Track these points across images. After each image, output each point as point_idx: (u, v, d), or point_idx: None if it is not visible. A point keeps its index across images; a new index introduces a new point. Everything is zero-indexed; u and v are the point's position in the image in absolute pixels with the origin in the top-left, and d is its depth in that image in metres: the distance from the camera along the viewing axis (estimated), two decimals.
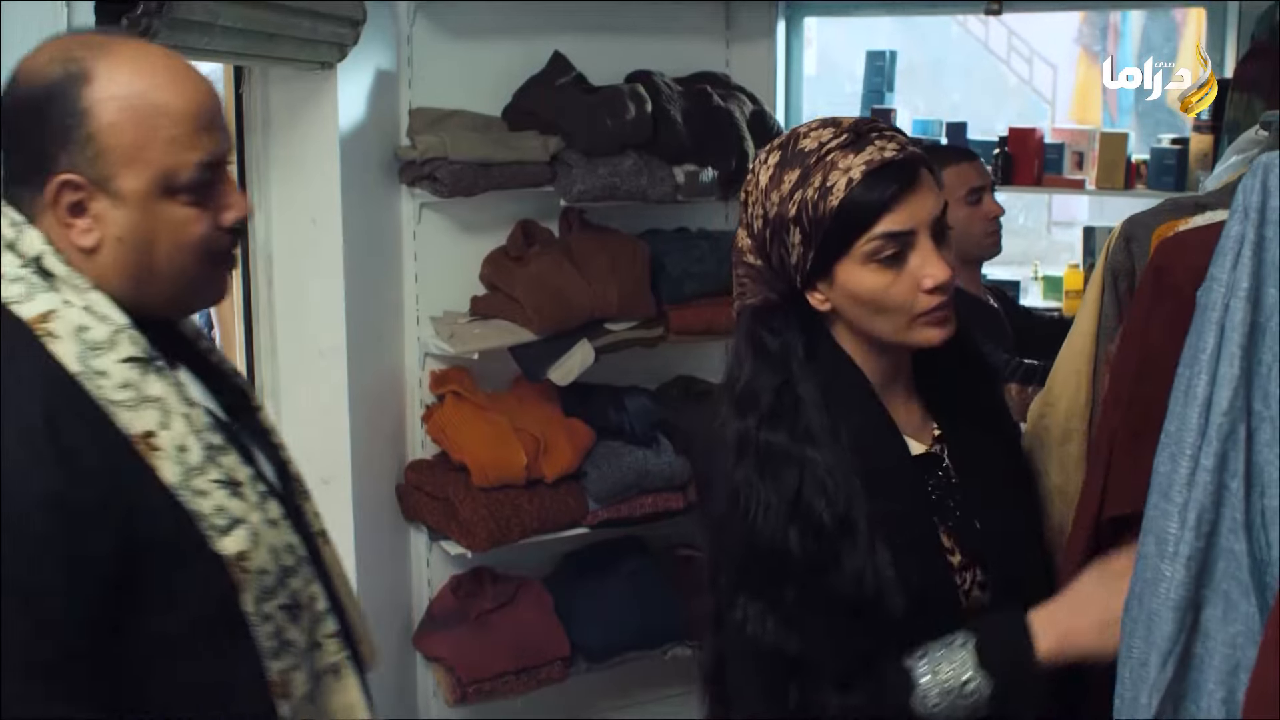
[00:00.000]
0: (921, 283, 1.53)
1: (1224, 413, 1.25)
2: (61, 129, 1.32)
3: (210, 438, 1.38)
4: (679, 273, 3.63)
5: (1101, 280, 1.84)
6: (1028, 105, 12.15)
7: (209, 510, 1.34)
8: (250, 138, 3.15)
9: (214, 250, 1.42)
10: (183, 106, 1.36)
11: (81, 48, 1.35)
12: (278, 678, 1.39)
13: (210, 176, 1.39)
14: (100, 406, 1.31)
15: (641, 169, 3.49)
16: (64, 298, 1.34)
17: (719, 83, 3.78)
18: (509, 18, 3.55)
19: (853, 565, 1.52)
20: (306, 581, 1.45)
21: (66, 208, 1.34)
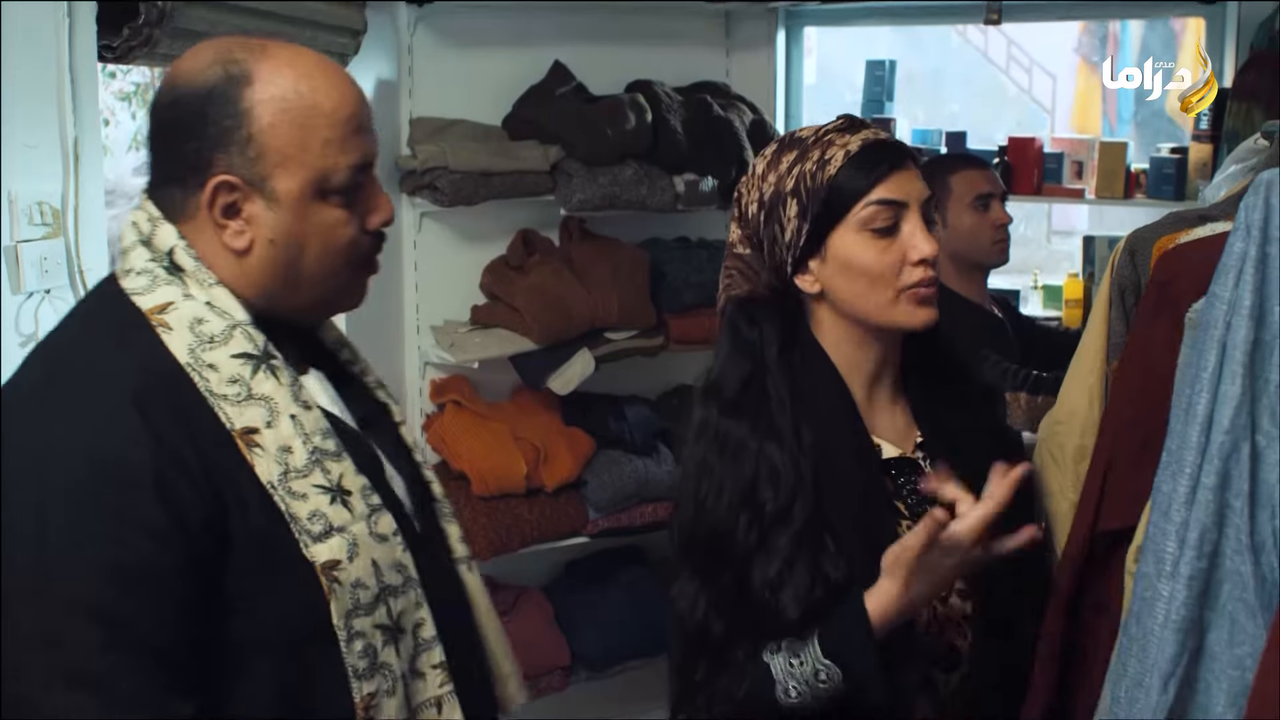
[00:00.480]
0: (909, 254, 1.58)
1: (1226, 431, 1.24)
2: (221, 129, 1.33)
3: (322, 443, 1.35)
4: (679, 282, 3.63)
5: (1108, 295, 1.84)
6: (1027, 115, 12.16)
7: (304, 514, 1.32)
8: None
9: (360, 253, 1.42)
10: (338, 109, 1.36)
11: (242, 50, 1.36)
12: (363, 700, 1.33)
13: (361, 179, 1.40)
14: (204, 399, 1.30)
15: (642, 178, 3.49)
16: (186, 291, 1.35)
17: (719, 92, 3.78)
18: (509, 27, 3.55)
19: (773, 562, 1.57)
20: (414, 604, 1.39)
21: (221, 209, 1.35)
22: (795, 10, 4.07)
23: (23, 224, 2.11)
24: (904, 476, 1.67)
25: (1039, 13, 4.15)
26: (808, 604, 1.55)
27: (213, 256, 1.37)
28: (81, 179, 2.20)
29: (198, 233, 1.37)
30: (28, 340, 2.13)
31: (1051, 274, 4.66)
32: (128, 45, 2.31)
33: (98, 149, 2.30)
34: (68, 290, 2.20)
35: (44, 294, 2.15)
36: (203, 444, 1.28)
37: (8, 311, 2.10)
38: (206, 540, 1.27)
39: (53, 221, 2.16)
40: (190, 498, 1.26)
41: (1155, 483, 1.33)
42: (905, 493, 1.66)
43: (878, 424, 1.67)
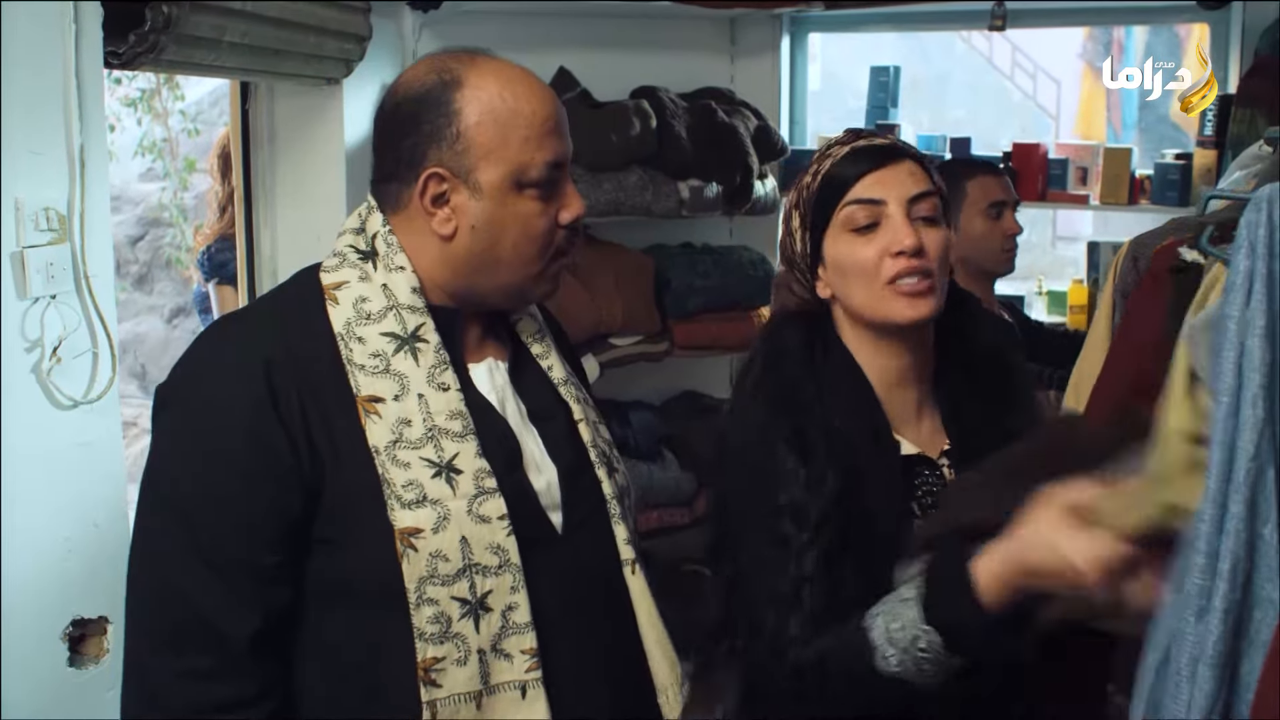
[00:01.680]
0: (889, 246, 1.61)
1: (1251, 458, 1.19)
2: (434, 126, 1.50)
3: (446, 423, 1.49)
4: (684, 288, 3.64)
5: (1112, 300, 1.84)
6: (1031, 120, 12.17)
7: (400, 481, 1.45)
8: (256, 153, 3.16)
9: (553, 243, 1.56)
10: (536, 112, 1.53)
11: (454, 60, 1.55)
12: (426, 661, 1.44)
13: (555, 175, 1.55)
14: (343, 365, 1.48)
15: (646, 184, 3.50)
16: (364, 274, 1.53)
17: (723, 98, 3.78)
18: (514, 34, 3.56)
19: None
20: (507, 588, 1.48)
21: (431, 198, 1.51)
22: (800, 17, 4.08)
23: (29, 229, 2.11)
24: (921, 476, 1.67)
25: (1044, 19, 4.16)
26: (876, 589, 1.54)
27: (421, 244, 1.54)
28: (87, 185, 2.20)
29: (409, 221, 1.54)
30: (34, 345, 2.13)
31: (1056, 279, 4.67)
32: (134, 51, 2.32)
33: (103, 155, 2.30)
34: (73, 296, 2.20)
35: (50, 299, 2.15)
36: (324, 405, 1.46)
37: (14, 317, 2.11)
38: (292, 487, 1.44)
39: (59, 227, 2.16)
40: (281, 450, 1.43)
41: None
42: (921, 492, 1.66)
43: (903, 427, 1.68)
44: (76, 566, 2.21)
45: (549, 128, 1.54)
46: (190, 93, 8.77)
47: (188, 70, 2.79)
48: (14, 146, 2.09)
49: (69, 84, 2.17)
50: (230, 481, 1.44)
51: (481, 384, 1.57)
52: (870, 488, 1.63)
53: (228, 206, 3.94)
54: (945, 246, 1.64)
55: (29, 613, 2.14)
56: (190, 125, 8.36)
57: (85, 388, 2.23)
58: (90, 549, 2.24)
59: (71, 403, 2.20)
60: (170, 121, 8.39)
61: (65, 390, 2.18)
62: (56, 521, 2.19)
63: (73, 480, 2.22)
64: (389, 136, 1.55)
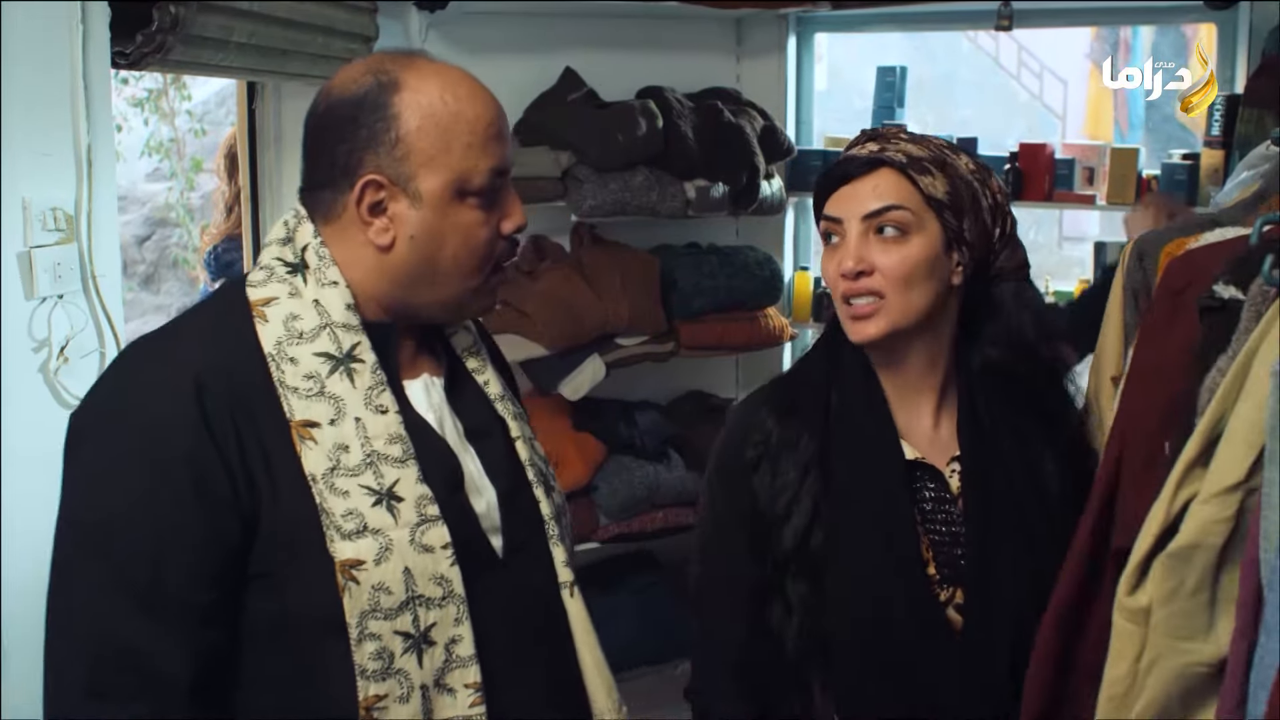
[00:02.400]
0: (838, 267, 1.64)
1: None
2: (372, 131, 1.43)
3: (385, 448, 1.41)
4: (690, 288, 3.64)
5: (1121, 299, 1.83)
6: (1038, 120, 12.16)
7: (339, 510, 1.37)
8: (263, 153, 3.17)
9: (494, 254, 1.50)
10: (479, 117, 1.46)
11: (391, 62, 1.47)
12: (368, 699, 1.36)
13: (499, 183, 1.48)
14: (275, 388, 1.40)
15: (652, 184, 3.50)
16: (293, 289, 1.45)
17: (730, 98, 3.78)
18: (520, 34, 3.56)
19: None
20: (451, 620, 1.41)
21: (368, 207, 1.44)
22: (806, 16, 4.07)
23: (36, 230, 2.11)
24: (922, 481, 1.67)
25: (1050, 19, 4.15)
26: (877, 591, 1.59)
27: (356, 254, 1.47)
28: (95, 185, 2.20)
29: (343, 231, 1.47)
30: (41, 345, 2.14)
31: (1063, 280, 4.65)
32: (141, 52, 2.32)
33: (111, 155, 2.30)
34: (80, 296, 2.21)
35: (57, 299, 2.16)
36: (258, 430, 1.38)
37: (21, 317, 2.11)
38: (229, 517, 1.35)
39: (66, 227, 2.16)
40: (218, 478, 1.35)
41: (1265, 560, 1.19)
42: (923, 497, 1.66)
43: (913, 432, 1.68)
44: None
45: (492, 133, 1.47)
46: (197, 93, 8.79)
47: (195, 70, 2.80)
48: (21, 147, 2.09)
49: (76, 84, 2.17)
50: (166, 511, 1.34)
51: (419, 402, 1.50)
52: (866, 492, 1.63)
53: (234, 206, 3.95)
54: (910, 263, 1.61)
55: (32, 613, 2.13)
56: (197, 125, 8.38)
57: None
58: None
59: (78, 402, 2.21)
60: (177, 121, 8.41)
61: (72, 390, 2.18)
62: None
63: None
64: (322, 140, 1.47)
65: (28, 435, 2.11)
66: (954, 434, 1.69)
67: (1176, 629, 1.28)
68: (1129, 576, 1.34)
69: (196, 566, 1.35)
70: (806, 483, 1.63)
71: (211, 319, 1.49)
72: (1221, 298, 1.40)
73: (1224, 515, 1.25)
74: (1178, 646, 1.28)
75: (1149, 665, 1.31)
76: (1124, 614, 1.34)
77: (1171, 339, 1.48)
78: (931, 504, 1.66)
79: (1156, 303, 1.58)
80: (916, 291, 1.62)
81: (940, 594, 1.63)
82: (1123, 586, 1.35)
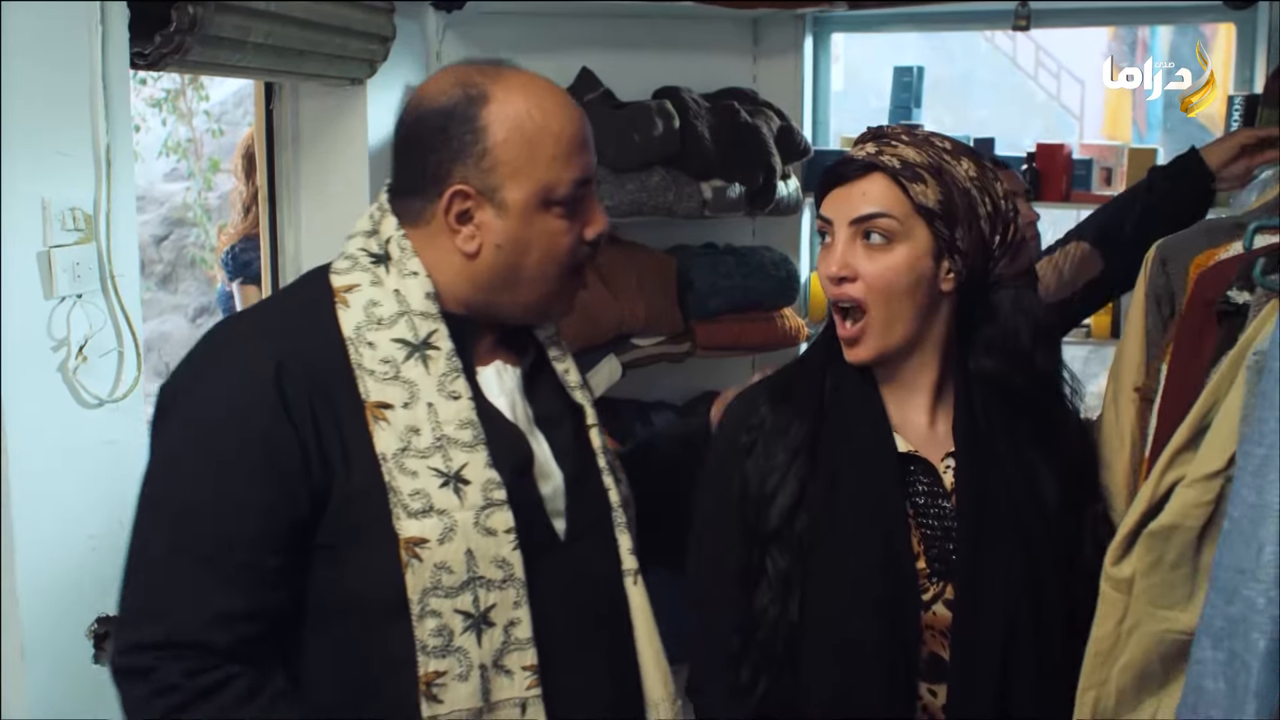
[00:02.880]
0: (824, 269, 1.65)
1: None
2: (460, 143, 1.48)
3: (456, 432, 1.46)
4: (706, 288, 3.63)
5: (1144, 305, 1.82)
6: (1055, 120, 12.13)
7: (407, 490, 1.43)
8: (280, 153, 3.17)
9: (576, 261, 1.55)
10: (564, 129, 1.51)
11: (479, 74, 1.51)
12: (428, 675, 1.41)
13: (582, 193, 1.53)
14: (350, 369, 1.45)
15: (669, 184, 3.49)
16: (375, 277, 1.50)
17: (746, 98, 3.78)
18: (537, 34, 3.56)
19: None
20: (510, 602, 1.46)
21: (456, 215, 1.49)
22: (823, 17, 4.07)
23: (55, 229, 2.12)
24: (915, 475, 1.66)
25: (1068, 18, 4.13)
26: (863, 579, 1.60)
27: (442, 259, 1.52)
28: (113, 185, 2.21)
29: (431, 237, 1.52)
30: (60, 345, 2.15)
31: None
32: (159, 52, 2.33)
33: (129, 155, 2.31)
34: (99, 295, 2.21)
35: (76, 299, 2.17)
36: (335, 410, 1.44)
37: (41, 316, 2.12)
38: (300, 490, 1.41)
39: (85, 227, 2.17)
40: (292, 454, 1.41)
41: (1215, 557, 1.24)
42: (915, 491, 1.66)
43: (906, 422, 1.68)
44: (102, 564, 2.22)
45: (576, 144, 1.52)
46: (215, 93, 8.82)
47: (213, 71, 2.81)
48: (41, 147, 2.10)
49: (95, 85, 2.18)
50: (240, 486, 1.41)
51: (490, 388, 1.55)
52: (857, 481, 1.63)
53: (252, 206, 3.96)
54: (893, 272, 1.61)
55: (54, 610, 2.15)
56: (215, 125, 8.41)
57: (110, 387, 2.24)
58: (115, 547, 2.22)
59: (97, 401, 2.22)
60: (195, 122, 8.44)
61: (91, 389, 2.19)
62: (82, 519, 2.20)
63: (98, 478, 2.23)
64: (411, 150, 1.52)
65: (48, 434, 2.12)
66: (949, 431, 1.68)
67: (1156, 599, 1.38)
68: (1115, 548, 1.43)
69: (266, 534, 1.41)
70: (795, 465, 1.63)
71: (296, 304, 1.55)
72: (1235, 302, 1.44)
73: (1205, 499, 1.31)
74: (1157, 614, 1.38)
75: (1130, 629, 1.41)
76: (1110, 582, 1.44)
77: (1203, 349, 1.49)
78: (924, 498, 1.65)
79: (1188, 315, 1.58)
80: (898, 303, 1.62)
81: (929, 588, 1.62)
82: (1110, 557, 1.44)
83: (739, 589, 1.64)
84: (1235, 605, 1.19)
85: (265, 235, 3.24)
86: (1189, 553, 1.34)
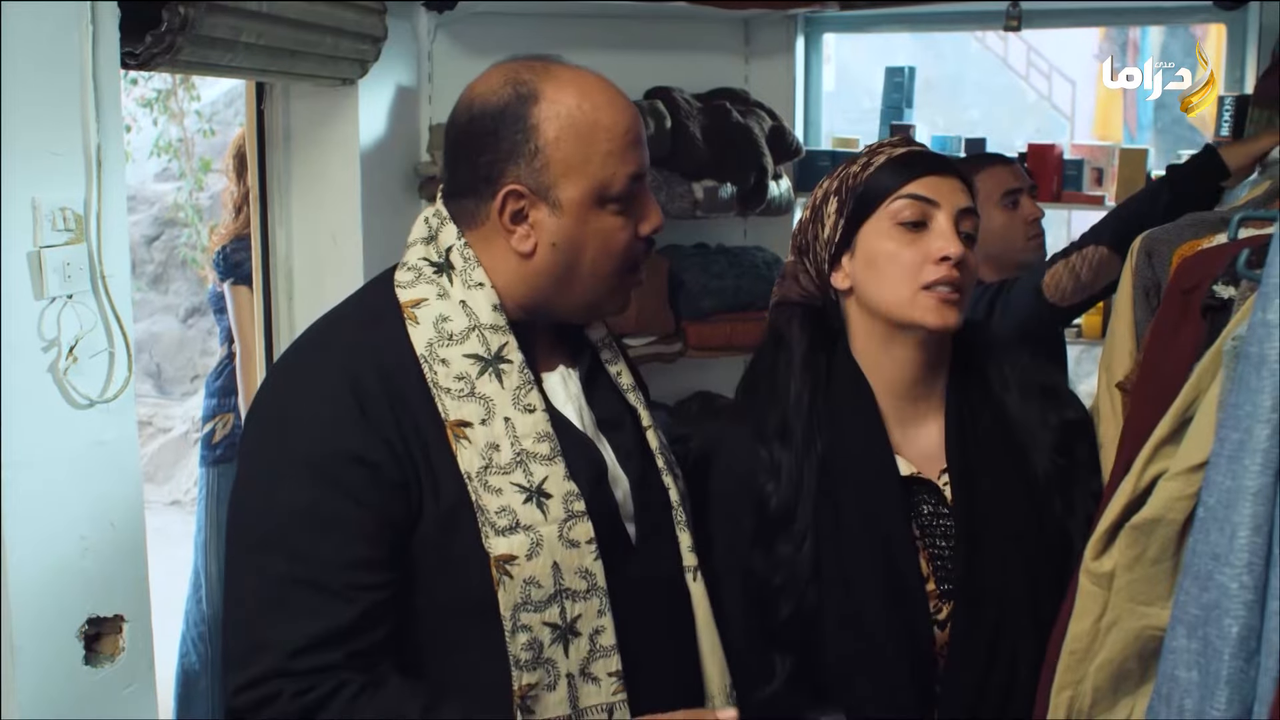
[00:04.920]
0: (932, 250, 1.61)
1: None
2: (512, 143, 1.46)
3: (534, 446, 1.45)
4: (698, 288, 3.64)
5: (1132, 297, 1.82)
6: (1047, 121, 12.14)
7: (493, 507, 1.42)
8: (271, 153, 3.17)
9: (632, 257, 1.54)
10: (617, 124, 1.48)
11: (529, 71, 1.49)
12: (521, 689, 1.41)
13: (637, 189, 1.51)
14: (429, 388, 1.44)
15: (660, 185, 3.50)
16: (442, 290, 1.49)
17: (738, 99, 3.78)
18: (528, 34, 3.56)
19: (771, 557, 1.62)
20: (594, 611, 1.46)
21: (510, 216, 1.47)
22: (814, 17, 4.07)
23: (46, 230, 2.12)
24: (918, 496, 1.65)
25: (1059, 19, 4.14)
26: (800, 604, 1.59)
27: (498, 260, 1.50)
28: (104, 185, 2.21)
29: (486, 239, 1.50)
30: (50, 345, 2.14)
31: None
32: (150, 52, 2.32)
33: (120, 155, 2.31)
34: (90, 296, 2.21)
35: (66, 299, 2.16)
36: (417, 427, 1.42)
37: (31, 316, 2.11)
38: (397, 508, 1.40)
39: (75, 227, 2.17)
40: (390, 467, 1.39)
41: (1190, 544, 1.23)
42: (920, 513, 1.65)
43: (906, 440, 1.67)
44: (92, 565, 2.22)
45: (630, 139, 1.49)
46: (206, 93, 8.81)
47: (204, 71, 2.80)
48: (31, 147, 2.09)
49: (86, 84, 2.17)
50: (337, 508, 1.38)
51: (556, 395, 1.54)
52: (864, 515, 1.62)
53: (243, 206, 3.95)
54: (974, 265, 1.64)
55: (45, 611, 2.15)
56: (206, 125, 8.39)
57: (101, 387, 2.24)
58: (106, 548, 2.25)
59: (88, 402, 2.21)
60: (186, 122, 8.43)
61: (81, 389, 2.19)
62: (73, 520, 2.19)
63: (89, 479, 2.22)
64: (464, 151, 1.50)
65: (38, 434, 2.12)
66: (939, 443, 1.68)
67: (1137, 594, 1.36)
68: (1096, 543, 1.42)
69: (370, 554, 1.38)
70: (801, 517, 1.62)
71: (364, 323, 1.51)
72: (1221, 297, 1.44)
73: (1187, 493, 1.30)
74: (1137, 610, 1.36)
75: (1109, 626, 1.39)
76: (1089, 577, 1.42)
77: (1179, 338, 1.49)
78: (929, 518, 1.65)
79: (1166, 302, 1.59)
80: (969, 293, 1.65)
81: (943, 609, 1.62)
82: (1089, 551, 1.43)
83: (748, 644, 1.63)
84: (1210, 592, 1.18)
85: (256, 235, 3.24)
86: (1171, 547, 1.33)
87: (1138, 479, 1.38)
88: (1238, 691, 1.16)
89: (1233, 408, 1.19)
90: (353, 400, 1.40)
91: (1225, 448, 1.19)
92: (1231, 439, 1.19)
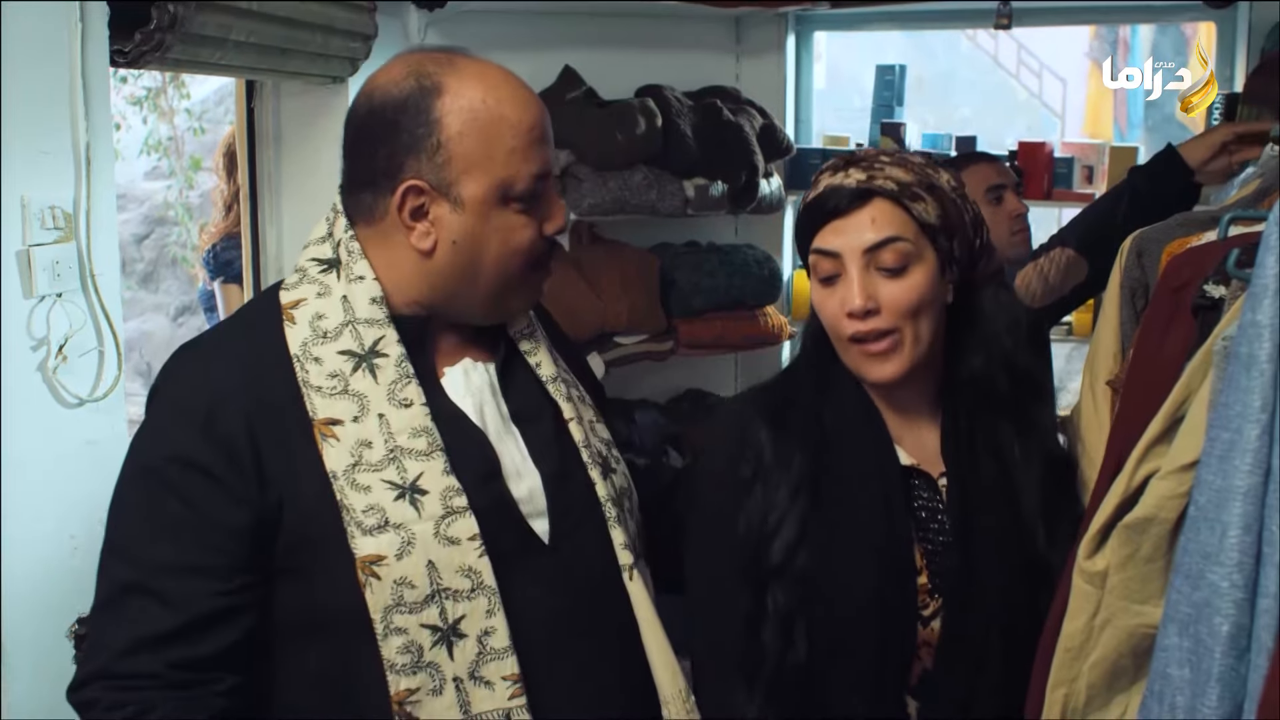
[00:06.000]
0: (842, 306, 1.57)
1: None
2: (413, 137, 1.42)
3: (409, 442, 1.42)
4: (689, 286, 3.64)
5: (1118, 298, 1.82)
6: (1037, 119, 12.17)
7: (360, 506, 1.38)
8: (261, 152, 3.16)
9: (536, 257, 1.50)
10: (522, 120, 1.45)
11: (433, 63, 1.45)
12: (399, 694, 1.38)
13: (541, 187, 1.48)
14: (298, 387, 1.41)
15: (652, 183, 3.50)
16: (322, 289, 1.47)
17: (729, 97, 3.78)
18: (520, 32, 3.56)
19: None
20: (482, 611, 1.40)
21: (410, 212, 1.44)
22: (805, 15, 4.08)
23: (35, 228, 2.11)
24: (917, 489, 1.65)
25: (1049, 17, 4.15)
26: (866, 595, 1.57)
27: (396, 257, 1.46)
28: (93, 184, 2.20)
29: (384, 234, 1.47)
30: (39, 344, 2.13)
31: None
32: (139, 50, 2.32)
33: (109, 154, 2.30)
34: (79, 294, 2.20)
35: (55, 298, 2.15)
36: (283, 432, 1.40)
37: (20, 315, 2.11)
38: (240, 518, 1.37)
39: (64, 226, 2.16)
40: (229, 483, 1.37)
41: (1181, 543, 1.23)
42: (918, 505, 1.65)
43: (907, 439, 1.66)
44: (82, 565, 2.21)
45: (534, 137, 1.46)
46: (195, 91, 8.79)
47: (194, 69, 2.79)
48: (20, 145, 2.09)
49: (75, 82, 2.17)
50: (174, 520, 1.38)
51: (455, 389, 1.50)
52: (863, 503, 1.61)
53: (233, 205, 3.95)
54: (916, 295, 1.57)
55: (34, 611, 2.14)
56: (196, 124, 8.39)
57: (91, 386, 2.23)
58: (96, 547, 2.19)
59: (77, 401, 2.20)
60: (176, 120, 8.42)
61: (71, 389, 2.18)
62: (62, 520, 2.19)
63: (79, 479, 2.22)
64: (363, 143, 1.46)
65: (28, 434, 2.11)
66: (937, 441, 1.67)
67: (1130, 593, 1.36)
68: (1089, 541, 1.41)
69: (205, 562, 1.37)
70: (797, 501, 1.60)
71: (238, 328, 1.52)
72: (1212, 296, 1.44)
73: (1179, 491, 1.29)
74: (1130, 609, 1.36)
75: (1103, 624, 1.39)
76: (1083, 576, 1.41)
77: (1168, 337, 1.49)
78: (926, 512, 1.65)
79: (1155, 300, 1.58)
80: (923, 322, 1.59)
81: (930, 604, 1.61)
82: (1083, 550, 1.42)
83: (741, 627, 1.61)
84: (1200, 590, 1.19)
85: (247, 234, 3.23)
86: (1163, 546, 1.33)
87: (1130, 478, 1.38)
88: (1229, 689, 1.16)
89: (1223, 407, 1.20)
90: (201, 408, 1.39)
91: (1216, 447, 1.19)
92: (1222, 439, 1.19)
